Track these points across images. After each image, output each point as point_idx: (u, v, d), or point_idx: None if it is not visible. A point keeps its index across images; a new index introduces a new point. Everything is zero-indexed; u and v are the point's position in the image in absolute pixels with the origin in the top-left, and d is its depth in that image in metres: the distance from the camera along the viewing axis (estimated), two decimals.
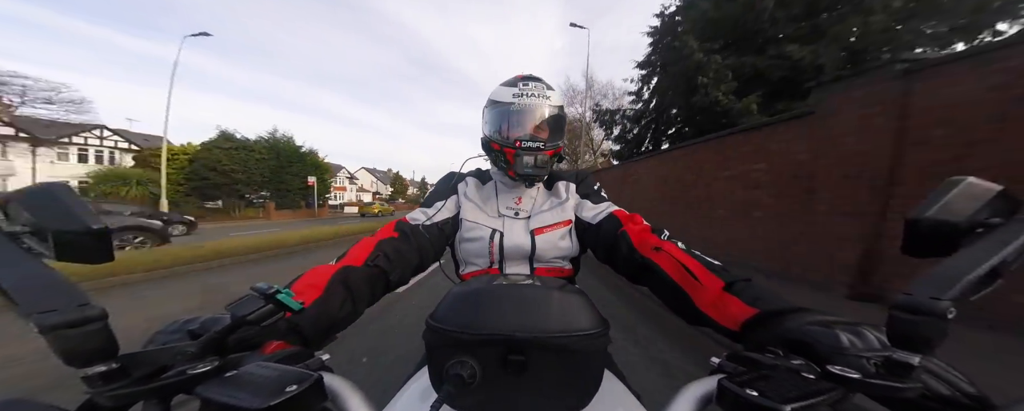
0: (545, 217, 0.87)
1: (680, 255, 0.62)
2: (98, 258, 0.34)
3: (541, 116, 0.82)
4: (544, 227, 0.85)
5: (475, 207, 0.89)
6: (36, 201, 0.33)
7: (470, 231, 0.86)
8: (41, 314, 0.28)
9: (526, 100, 0.81)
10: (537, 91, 0.82)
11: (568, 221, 0.87)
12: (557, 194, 0.91)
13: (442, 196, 0.90)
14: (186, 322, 0.41)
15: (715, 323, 0.54)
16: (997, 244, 0.30)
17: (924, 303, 0.28)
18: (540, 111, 0.82)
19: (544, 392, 0.38)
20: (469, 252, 0.87)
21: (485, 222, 0.87)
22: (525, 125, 0.82)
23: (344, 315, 0.60)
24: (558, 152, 0.86)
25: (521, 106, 0.82)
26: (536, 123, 0.82)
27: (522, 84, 0.83)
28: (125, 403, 0.31)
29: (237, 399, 0.28)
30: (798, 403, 0.26)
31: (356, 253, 0.68)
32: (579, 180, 0.94)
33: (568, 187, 0.92)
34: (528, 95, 0.81)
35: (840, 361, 0.33)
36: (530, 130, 0.82)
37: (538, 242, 0.84)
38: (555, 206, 0.89)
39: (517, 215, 0.88)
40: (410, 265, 0.75)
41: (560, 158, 0.90)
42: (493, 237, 0.85)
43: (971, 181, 0.35)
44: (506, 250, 0.84)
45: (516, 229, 0.86)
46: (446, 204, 0.88)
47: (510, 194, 0.91)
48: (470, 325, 0.38)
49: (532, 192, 0.92)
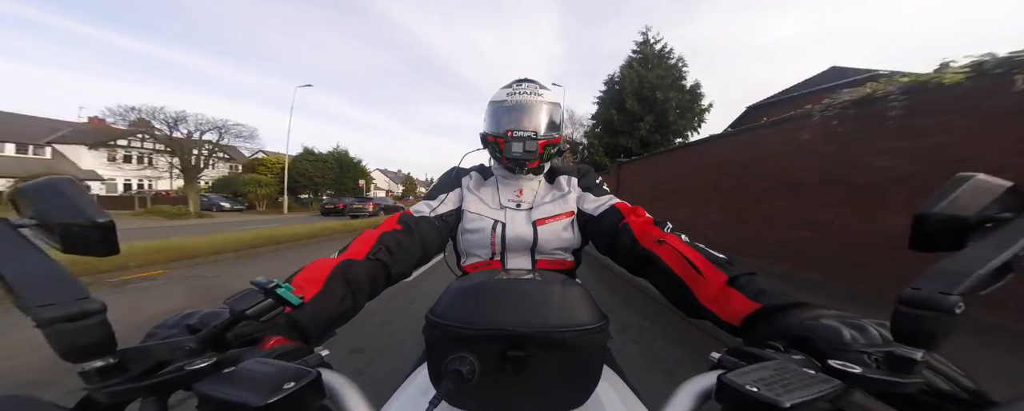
0: (547, 208, 0.88)
1: (683, 248, 0.62)
2: (104, 251, 0.35)
3: (532, 110, 0.86)
4: (546, 218, 0.87)
5: (477, 199, 0.90)
6: (44, 195, 0.34)
7: (472, 222, 0.87)
8: (40, 307, 0.27)
9: (518, 97, 0.86)
10: (529, 90, 0.88)
11: (570, 213, 0.88)
12: (559, 187, 0.93)
13: (445, 189, 0.91)
14: (185, 316, 0.41)
15: (716, 317, 0.54)
16: (1007, 239, 0.30)
17: (932, 298, 0.28)
18: (531, 106, 0.86)
19: (543, 388, 0.38)
20: (471, 243, 0.88)
21: (487, 213, 0.88)
22: (517, 118, 0.86)
23: (344, 310, 0.60)
24: (553, 142, 0.88)
25: (513, 102, 0.86)
26: (527, 116, 0.86)
27: (516, 84, 0.89)
28: (123, 399, 0.30)
29: (235, 396, 0.28)
30: (798, 398, 0.26)
31: (358, 246, 0.68)
32: (581, 174, 0.96)
33: (569, 181, 0.93)
34: (521, 93, 0.87)
35: (841, 356, 0.33)
36: (521, 122, 0.85)
37: (540, 232, 0.85)
38: (557, 198, 0.90)
39: (519, 206, 0.90)
40: (413, 257, 0.76)
41: (559, 152, 0.92)
42: (495, 228, 0.86)
43: (980, 177, 0.34)
44: (508, 241, 0.85)
45: (518, 220, 0.87)
46: (449, 196, 0.90)
47: (511, 187, 0.93)
48: (470, 320, 0.38)
49: (533, 184, 0.93)
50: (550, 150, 0.88)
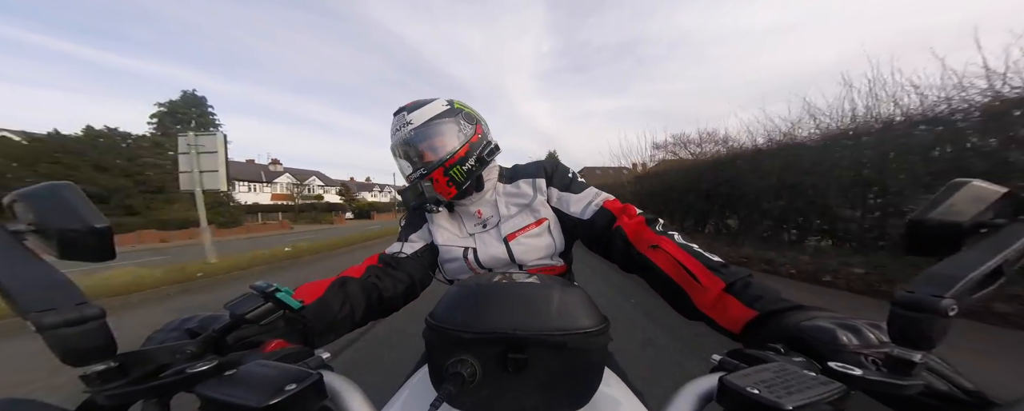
0: (515, 221, 0.84)
1: (678, 253, 0.61)
2: (100, 256, 0.34)
3: (409, 145, 0.81)
4: (516, 232, 0.83)
5: (445, 230, 0.88)
6: (41, 200, 0.34)
7: (447, 253, 0.86)
8: (39, 313, 0.27)
9: (395, 137, 0.82)
10: (399, 124, 0.81)
11: (541, 220, 0.83)
12: (520, 194, 0.86)
13: (414, 227, 0.90)
14: (185, 320, 0.41)
15: (715, 324, 0.54)
16: (1000, 244, 0.30)
17: (926, 300, 0.28)
18: (406, 141, 0.81)
19: (544, 390, 0.38)
20: (452, 272, 0.87)
21: (456, 243, 0.86)
22: (408, 158, 0.83)
23: (344, 316, 0.61)
24: (458, 158, 0.78)
25: (394, 145, 0.84)
26: (411, 153, 0.82)
27: (394, 120, 0.82)
28: (124, 402, 0.30)
29: (236, 398, 0.28)
30: (800, 401, 0.26)
31: (352, 270, 0.73)
32: (549, 173, 0.87)
33: (534, 183, 0.86)
34: (395, 132, 0.82)
35: (840, 358, 0.33)
36: (413, 159, 0.82)
37: (513, 248, 0.82)
38: (522, 208, 0.85)
39: (485, 227, 0.86)
40: (401, 285, 0.77)
41: (483, 158, 0.82)
42: (466, 255, 0.84)
43: (975, 183, 0.35)
44: (484, 263, 0.83)
45: (488, 240, 0.84)
46: (418, 234, 0.89)
47: (467, 212, 0.89)
48: (470, 323, 0.38)
49: (488, 200, 0.88)
50: (460, 168, 0.78)
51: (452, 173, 0.78)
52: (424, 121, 0.79)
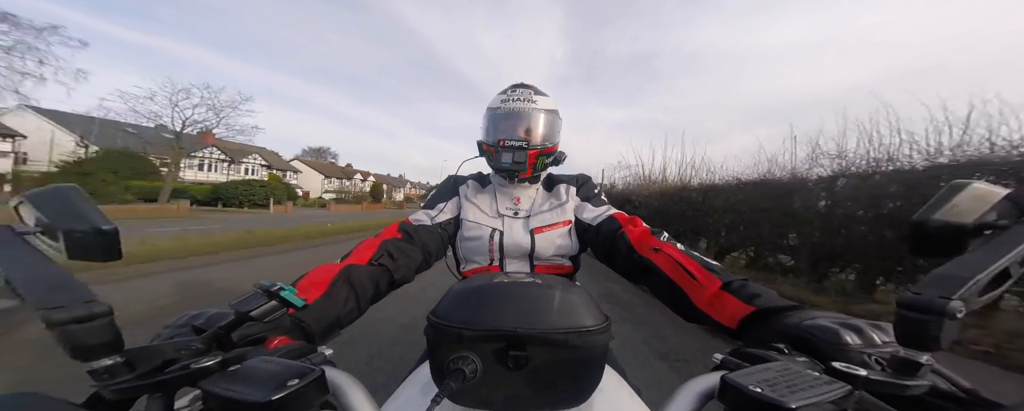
0: (545, 217, 0.89)
1: (678, 256, 0.64)
2: (108, 256, 0.35)
3: (524, 118, 0.86)
4: (543, 227, 0.88)
5: (475, 208, 0.92)
6: (48, 202, 0.35)
7: (471, 230, 0.89)
8: (48, 310, 0.28)
9: (511, 104, 0.87)
10: (524, 96, 0.87)
11: (568, 221, 0.89)
12: (557, 196, 0.93)
13: (444, 197, 0.93)
14: (191, 317, 0.42)
15: (713, 320, 0.55)
16: (1007, 245, 0.30)
17: (933, 302, 0.28)
18: (523, 114, 0.86)
19: (545, 387, 0.38)
20: (470, 250, 0.89)
21: (485, 222, 0.89)
22: (509, 126, 0.87)
23: (347, 311, 0.61)
24: (548, 151, 0.88)
25: (506, 110, 0.87)
26: (520, 124, 0.86)
27: (510, 90, 0.89)
28: (130, 396, 0.31)
29: (240, 393, 0.29)
30: (803, 400, 0.26)
31: (360, 252, 0.71)
32: (580, 183, 0.96)
33: (568, 190, 0.94)
34: (514, 100, 0.87)
35: (844, 358, 0.33)
36: (513, 131, 0.86)
37: (537, 240, 0.86)
38: (555, 207, 0.91)
39: (516, 214, 0.91)
40: (414, 263, 0.78)
41: (556, 161, 0.92)
42: (493, 236, 0.87)
43: (976, 185, 0.35)
44: (506, 248, 0.87)
45: (516, 228, 0.89)
46: (448, 205, 0.91)
47: (508, 195, 0.93)
48: (472, 321, 0.38)
49: (530, 192, 0.94)
50: (544, 160, 0.88)
51: (541, 159, 0.87)
52: (548, 108, 0.88)
